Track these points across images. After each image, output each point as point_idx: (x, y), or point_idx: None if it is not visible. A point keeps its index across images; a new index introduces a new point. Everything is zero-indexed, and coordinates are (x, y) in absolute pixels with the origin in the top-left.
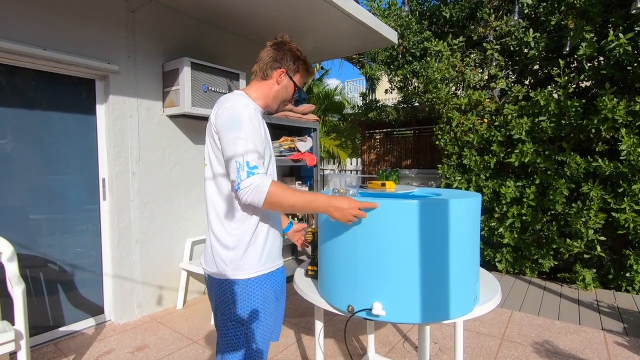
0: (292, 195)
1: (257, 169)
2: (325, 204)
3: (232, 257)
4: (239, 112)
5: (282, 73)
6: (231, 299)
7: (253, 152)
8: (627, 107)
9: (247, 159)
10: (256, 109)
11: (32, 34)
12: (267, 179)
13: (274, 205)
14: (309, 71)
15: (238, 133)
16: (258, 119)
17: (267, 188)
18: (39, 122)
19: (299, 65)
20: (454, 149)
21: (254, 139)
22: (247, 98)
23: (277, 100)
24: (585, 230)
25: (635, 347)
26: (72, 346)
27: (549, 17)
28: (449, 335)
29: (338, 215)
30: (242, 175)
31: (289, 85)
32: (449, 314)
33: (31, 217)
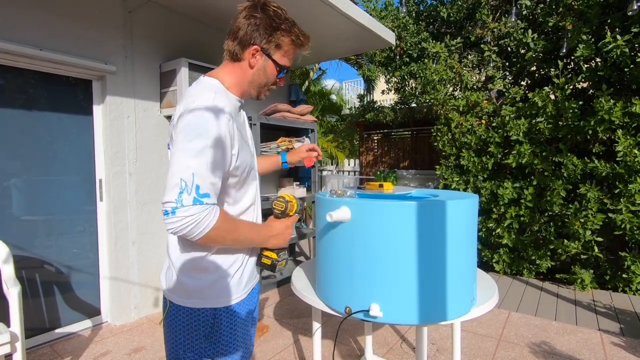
0: (234, 230)
1: (209, 198)
2: (266, 236)
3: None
4: (207, 120)
5: (255, 52)
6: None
7: (209, 176)
8: (624, 109)
9: (198, 182)
10: (231, 110)
11: (28, 34)
12: (216, 212)
13: (210, 242)
14: (297, 41)
15: (196, 144)
16: (229, 130)
17: (212, 224)
18: (35, 123)
19: (280, 36)
20: (452, 150)
21: (216, 161)
22: (220, 91)
23: (255, 87)
24: (582, 231)
25: (632, 348)
26: (69, 348)
27: (547, 18)
28: (447, 336)
29: (279, 241)
30: (184, 200)
31: (268, 66)
32: (446, 315)
33: (27, 218)
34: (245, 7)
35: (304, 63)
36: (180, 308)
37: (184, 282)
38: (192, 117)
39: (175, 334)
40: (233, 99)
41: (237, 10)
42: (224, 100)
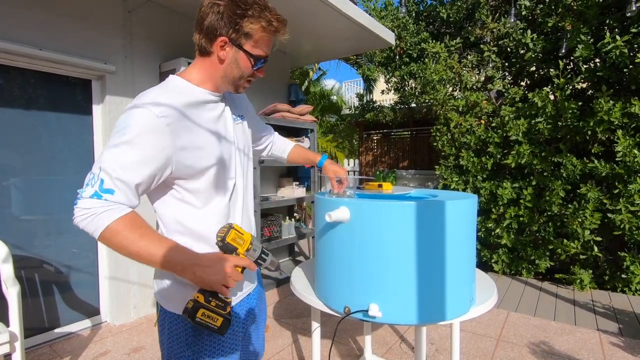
0: (137, 240)
1: (111, 195)
2: (185, 260)
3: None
4: (133, 117)
5: (223, 44)
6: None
7: (119, 173)
8: (623, 109)
9: (103, 177)
10: (181, 106)
11: (28, 34)
12: (114, 212)
13: (111, 246)
14: (269, 27)
15: (114, 140)
16: (159, 129)
17: (107, 222)
18: (35, 122)
19: (248, 23)
20: (452, 150)
21: (133, 159)
22: (175, 89)
23: (229, 81)
24: (581, 231)
25: (630, 348)
26: (68, 348)
27: (546, 18)
28: (446, 336)
29: (207, 277)
30: (85, 192)
31: (240, 58)
32: (445, 315)
33: (26, 217)
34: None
35: (302, 63)
36: (166, 312)
37: (172, 289)
38: (123, 115)
39: (163, 338)
40: (200, 94)
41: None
42: (171, 97)
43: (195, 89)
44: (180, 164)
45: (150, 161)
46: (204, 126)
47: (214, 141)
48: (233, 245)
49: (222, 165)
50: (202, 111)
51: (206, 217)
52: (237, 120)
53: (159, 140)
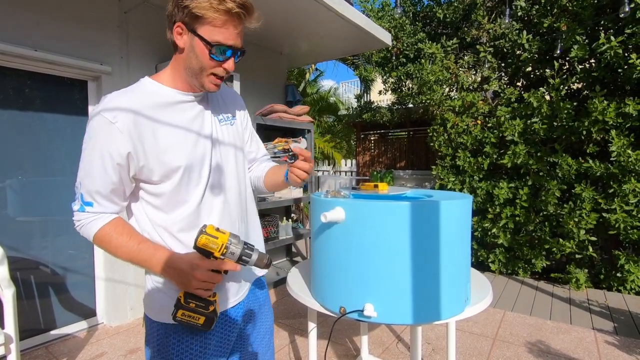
0: (122, 245)
1: (91, 207)
2: (161, 264)
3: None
4: (92, 127)
5: (179, 31)
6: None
7: (91, 185)
8: (617, 109)
9: (82, 191)
10: (140, 107)
11: (23, 34)
12: (98, 221)
13: (105, 249)
14: (219, 5)
15: (83, 152)
16: (116, 137)
17: (94, 230)
18: (30, 123)
19: (195, 1)
20: (448, 150)
21: (99, 169)
22: (136, 89)
23: (192, 74)
24: (576, 230)
25: (625, 346)
26: (64, 349)
27: (542, 19)
28: (442, 336)
29: (176, 280)
30: (75, 206)
31: (196, 45)
32: (440, 315)
33: (22, 219)
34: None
35: (300, 64)
36: (145, 315)
37: (147, 290)
38: (89, 121)
39: (145, 339)
40: (171, 94)
41: None
42: (131, 100)
43: (164, 90)
44: (143, 167)
45: (112, 168)
46: (173, 127)
47: (184, 142)
48: (206, 250)
49: (193, 168)
50: (173, 112)
51: (173, 219)
52: (223, 122)
53: (115, 146)
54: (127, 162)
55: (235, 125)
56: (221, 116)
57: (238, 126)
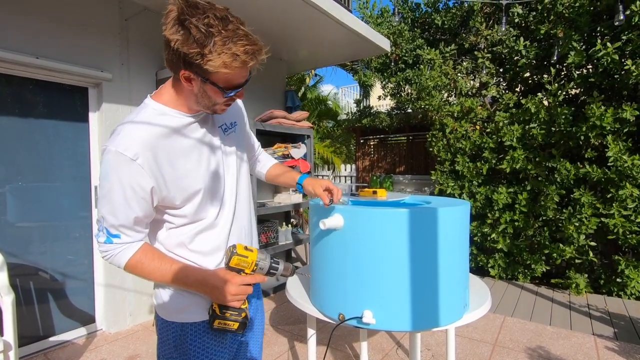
0: (156, 269)
1: (119, 239)
2: (198, 282)
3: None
4: (109, 164)
5: (186, 76)
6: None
7: (116, 219)
8: (615, 115)
9: (107, 226)
10: (155, 138)
11: (24, 42)
12: (127, 250)
13: (137, 275)
14: (236, 61)
15: (102, 188)
16: (134, 171)
17: (125, 260)
18: (31, 129)
19: (207, 60)
20: (447, 155)
21: (122, 204)
22: (145, 118)
23: (203, 107)
24: (576, 235)
25: (625, 352)
26: (63, 356)
27: (539, 26)
28: (442, 342)
29: (214, 296)
30: (100, 238)
31: (208, 89)
32: (438, 322)
33: (22, 224)
34: (166, 20)
35: (299, 70)
36: (158, 316)
37: (161, 295)
38: (103, 157)
39: (158, 339)
40: (178, 118)
41: (235, 11)
42: (145, 131)
43: (171, 113)
44: (165, 197)
45: (136, 202)
46: (187, 152)
47: (199, 164)
48: (238, 268)
49: (212, 186)
50: (184, 136)
51: (192, 236)
52: (228, 130)
53: (137, 182)
54: (151, 196)
55: (238, 129)
56: (225, 125)
57: (241, 129)
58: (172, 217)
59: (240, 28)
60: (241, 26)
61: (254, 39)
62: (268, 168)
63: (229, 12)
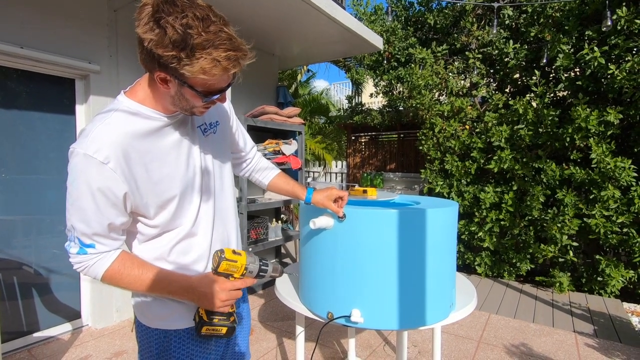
0: (136, 278)
1: (93, 249)
2: (183, 290)
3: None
4: (76, 167)
5: (162, 77)
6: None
7: (88, 228)
8: (599, 117)
9: (78, 235)
10: (128, 141)
11: (9, 31)
12: (103, 260)
13: (116, 286)
14: (217, 67)
15: (70, 197)
16: (108, 178)
17: (102, 272)
18: (15, 121)
19: (185, 65)
20: (437, 154)
21: (86, 216)
22: (120, 117)
23: (181, 109)
24: (559, 235)
25: (604, 349)
26: (47, 352)
27: (529, 28)
28: (428, 338)
29: (203, 304)
30: (72, 249)
31: (185, 92)
32: (425, 321)
33: (5, 217)
34: (140, 15)
35: (291, 65)
36: (138, 322)
37: (143, 303)
38: (70, 160)
39: (138, 345)
40: (155, 119)
41: (225, 14)
42: (117, 131)
43: (147, 112)
44: (139, 204)
45: (109, 208)
46: (163, 155)
47: (176, 169)
48: (227, 273)
49: (186, 192)
50: (160, 138)
51: (169, 245)
52: (208, 131)
53: (108, 187)
54: (124, 203)
55: (219, 130)
56: (205, 125)
57: (222, 129)
58: (144, 226)
59: (224, 30)
60: (224, 27)
61: (237, 43)
62: (270, 179)
63: (212, 11)
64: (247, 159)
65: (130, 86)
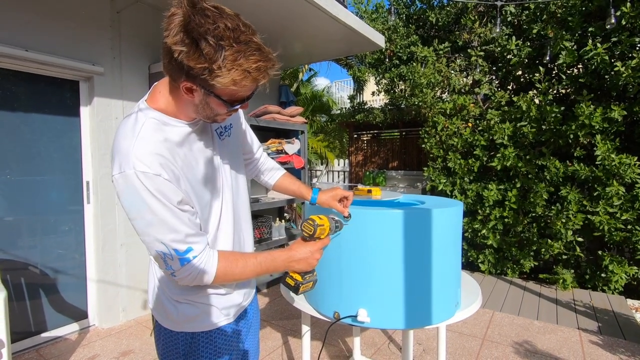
0: (244, 266)
1: (192, 251)
2: (285, 262)
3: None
4: (133, 188)
5: (188, 87)
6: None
7: (177, 234)
8: (603, 114)
9: (174, 247)
10: (165, 149)
11: (14, 34)
12: (209, 258)
13: (222, 282)
14: (246, 79)
15: (141, 220)
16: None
17: (214, 270)
18: (21, 123)
19: (216, 77)
20: (439, 152)
21: (170, 224)
22: (148, 131)
23: (204, 117)
24: (564, 231)
25: (609, 346)
26: (55, 352)
27: (532, 25)
28: (433, 336)
29: (302, 266)
30: (174, 266)
31: (211, 102)
32: (431, 320)
33: (10, 219)
34: (169, 25)
35: (293, 64)
36: (160, 327)
37: (167, 308)
38: (123, 184)
39: (159, 349)
40: (181, 128)
41: (227, 5)
42: (155, 143)
43: (172, 123)
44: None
45: (180, 210)
46: (191, 164)
47: (206, 176)
48: (317, 237)
49: (214, 197)
50: (187, 148)
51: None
52: (224, 135)
53: (170, 196)
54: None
55: (233, 133)
56: (220, 129)
57: (236, 131)
58: None
59: (253, 40)
60: (253, 37)
61: (266, 53)
62: (276, 179)
63: (241, 20)
64: (254, 160)
65: (149, 93)
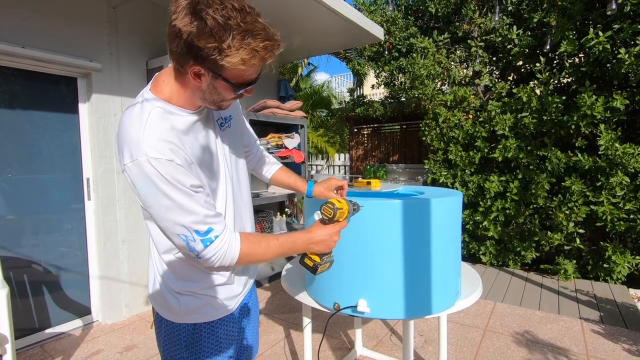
0: (267, 247)
1: (213, 231)
2: (305, 243)
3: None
4: (146, 175)
5: (196, 72)
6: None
7: (197, 215)
8: (606, 104)
9: (195, 228)
10: (174, 136)
11: (10, 31)
12: (232, 239)
13: (245, 264)
14: (254, 58)
15: (159, 207)
16: (179, 170)
17: (237, 250)
18: (19, 121)
19: (225, 56)
20: (440, 144)
21: (189, 207)
22: (155, 119)
23: (209, 103)
24: (566, 223)
25: (610, 335)
26: (59, 348)
27: (532, 14)
28: (435, 327)
29: (321, 248)
30: (197, 247)
31: (219, 85)
32: (431, 309)
33: (12, 217)
34: (176, 8)
35: (292, 59)
36: (162, 319)
37: (169, 300)
38: (136, 172)
39: (160, 341)
40: (186, 117)
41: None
42: (162, 131)
43: (178, 112)
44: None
45: (195, 192)
46: (198, 153)
47: (211, 164)
48: (336, 219)
49: (218, 185)
50: (195, 132)
51: None
52: (224, 125)
53: (184, 180)
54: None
55: (233, 124)
56: (221, 119)
57: (235, 123)
58: None
59: (258, 20)
60: (258, 18)
61: (271, 33)
62: (273, 173)
63: (246, 3)
64: (251, 154)
65: (152, 82)
